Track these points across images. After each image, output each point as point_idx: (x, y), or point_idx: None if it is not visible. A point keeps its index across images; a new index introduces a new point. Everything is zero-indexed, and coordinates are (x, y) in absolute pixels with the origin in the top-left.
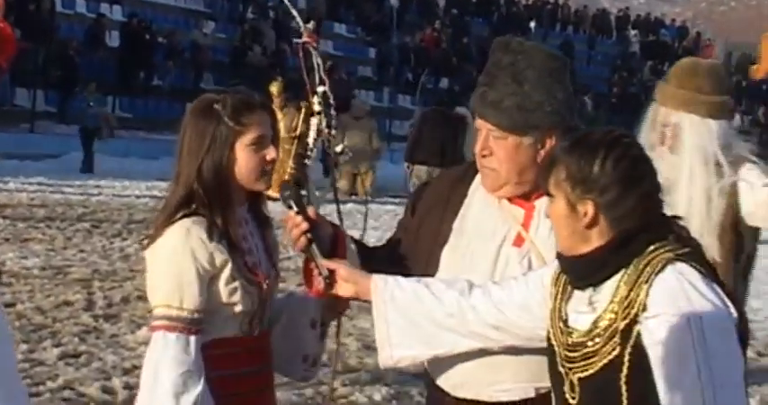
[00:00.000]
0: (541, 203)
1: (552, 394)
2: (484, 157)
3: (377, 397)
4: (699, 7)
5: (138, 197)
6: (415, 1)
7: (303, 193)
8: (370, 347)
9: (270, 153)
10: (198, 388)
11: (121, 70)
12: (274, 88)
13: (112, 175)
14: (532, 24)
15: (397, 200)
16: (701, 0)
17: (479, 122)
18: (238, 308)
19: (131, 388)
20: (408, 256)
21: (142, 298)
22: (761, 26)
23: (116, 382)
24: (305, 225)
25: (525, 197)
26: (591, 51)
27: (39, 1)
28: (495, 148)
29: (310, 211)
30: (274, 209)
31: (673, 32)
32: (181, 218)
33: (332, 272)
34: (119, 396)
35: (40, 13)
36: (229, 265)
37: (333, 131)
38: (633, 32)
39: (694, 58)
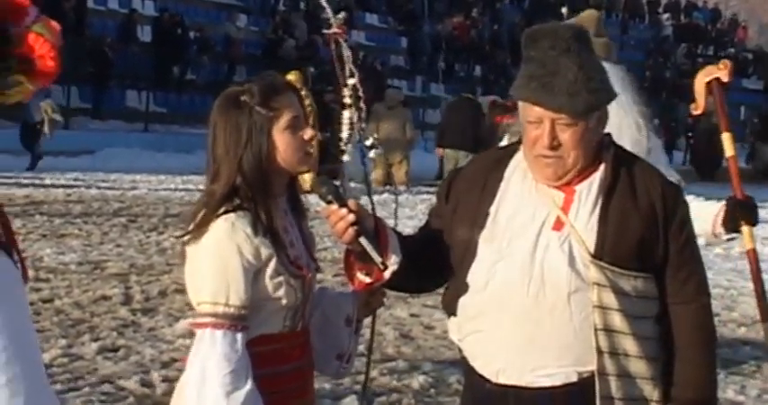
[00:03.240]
0: (582, 188)
1: None
2: (555, 148)
3: (415, 385)
4: None
5: (173, 191)
6: None
7: (337, 183)
8: (407, 336)
9: (307, 132)
10: (247, 385)
11: (155, 65)
12: (292, 77)
13: (147, 169)
14: (564, 10)
15: (432, 189)
16: None
17: (540, 114)
18: (283, 302)
19: (170, 381)
20: (444, 242)
21: (179, 291)
22: None
23: (155, 376)
24: (351, 217)
25: (566, 181)
26: (624, 36)
27: None
28: (564, 136)
29: (351, 203)
30: (309, 200)
31: (705, 15)
32: (224, 213)
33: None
34: (157, 389)
35: (72, 10)
36: (274, 259)
37: (363, 124)
38: (666, 16)
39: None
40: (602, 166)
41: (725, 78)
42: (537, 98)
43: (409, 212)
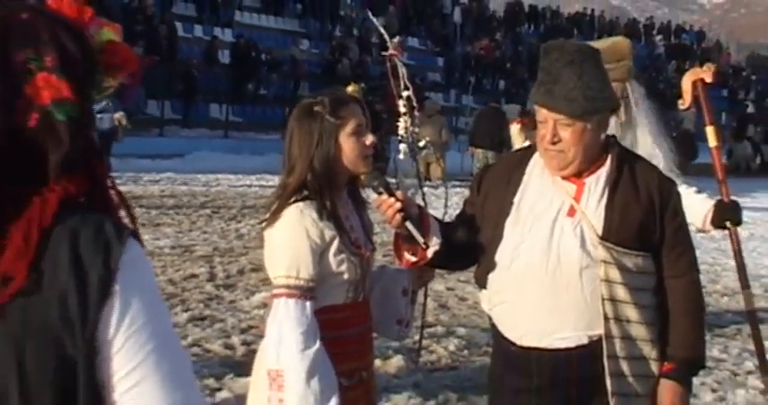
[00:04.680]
0: (591, 180)
1: None
2: (554, 143)
3: (451, 347)
4: (714, 14)
5: (249, 187)
6: (474, 16)
7: (392, 181)
8: (444, 306)
9: (368, 138)
10: (317, 344)
11: (233, 82)
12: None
13: (228, 169)
14: (574, 33)
15: (464, 183)
16: (716, 8)
17: (545, 114)
18: (345, 276)
19: (248, 344)
20: (476, 227)
21: (255, 270)
22: (765, 29)
23: (235, 340)
24: (398, 205)
25: (577, 175)
26: None
27: (157, 26)
28: (564, 134)
29: (398, 193)
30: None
31: (692, 36)
32: (294, 202)
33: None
34: (237, 351)
35: (165, 38)
36: (337, 240)
37: (416, 129)
38: (658, 37)
39: (606, 38)
40: (607, 163)
41: (708, 79)
42: (542, 101)
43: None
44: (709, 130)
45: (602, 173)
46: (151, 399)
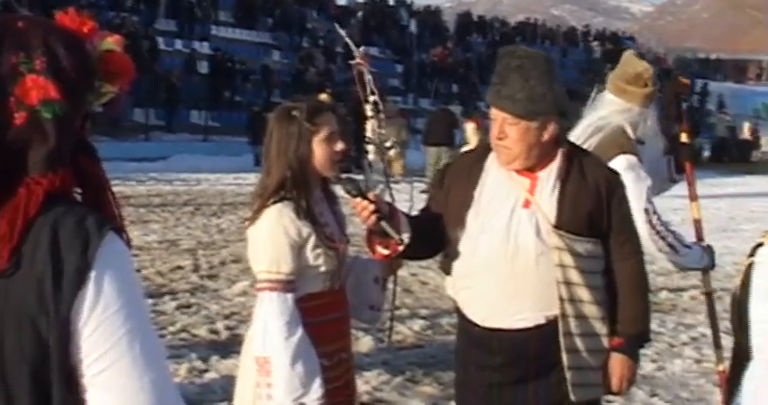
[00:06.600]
0: (543, 174)
1: None
2: (500, 139)
3: (416, 327)
4: (644, 22)
5: (227, 186)
6: (429, 27)
7: (360, 177)
8: (408, 290)
9: (339, 145)
10: (299, 332)
11: (211, 91)
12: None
13: (209, 169)
14: (518, 40)
15: (423, 179)
16: (645, 17)
17: (495, 113)
18: (323, 268)
19: (231, 329)
20: (441, 220)
21: (234, 261)
22: (690, 34)
23: (219, 326)
24: (372, 206)
25: (530, 170)
26: (564, 59)
27: (140, 41)
28: (509, 131)
29: (371, 195)
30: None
31: (625, 42)
32: (273, 203)
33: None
34: (222, 335)
35: (147, 52)
36: (313, 236)
37: (382, 131)
38: (595, 43)
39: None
40: (558, 158)
41: (684, 94)
42: (491, 101)
43: (405, 196)
44: (683, 136)
45: (554, 167)
46: (121, 380)
